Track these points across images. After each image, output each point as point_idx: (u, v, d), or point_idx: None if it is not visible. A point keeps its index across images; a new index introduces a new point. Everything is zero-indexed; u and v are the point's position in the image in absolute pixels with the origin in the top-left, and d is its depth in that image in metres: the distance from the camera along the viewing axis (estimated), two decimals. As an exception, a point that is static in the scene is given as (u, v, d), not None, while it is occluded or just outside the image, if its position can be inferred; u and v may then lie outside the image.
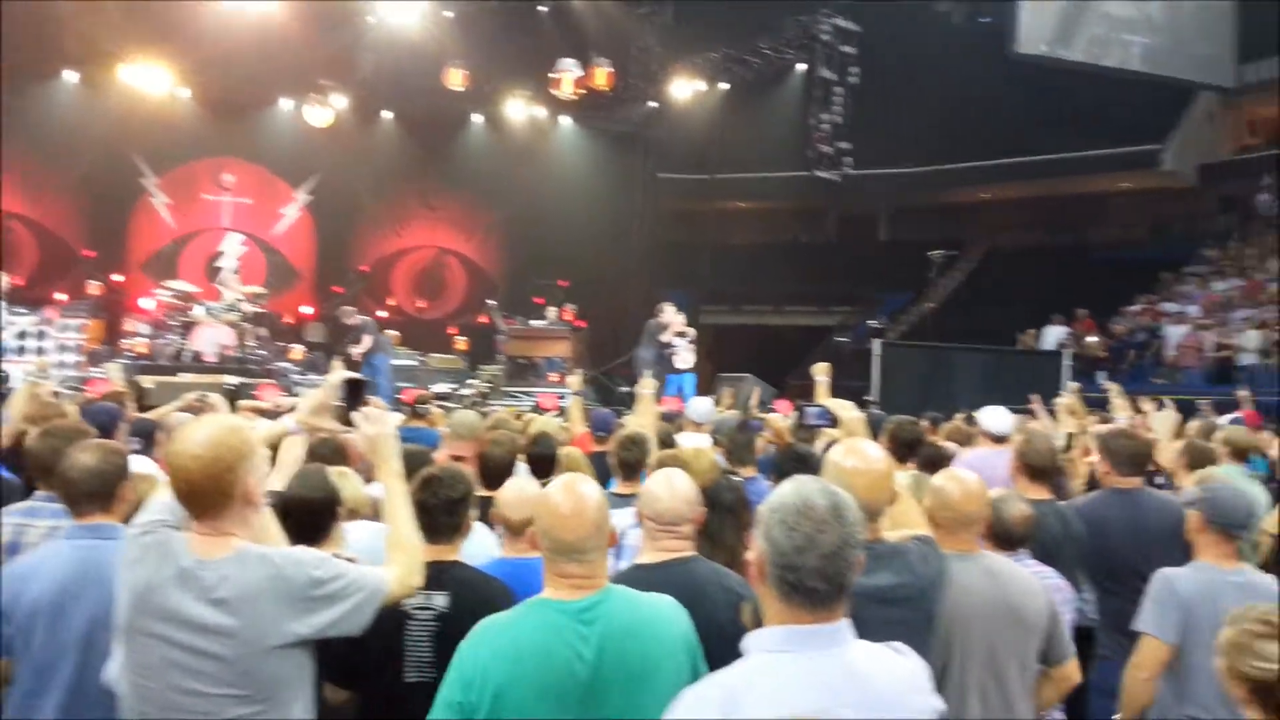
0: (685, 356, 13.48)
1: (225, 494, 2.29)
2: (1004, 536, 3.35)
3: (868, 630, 2.48)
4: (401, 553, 2.56)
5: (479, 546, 3.35)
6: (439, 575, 2.80)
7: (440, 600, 2.80)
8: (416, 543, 2.62)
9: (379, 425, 2.70)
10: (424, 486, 2.94)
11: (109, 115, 17.26)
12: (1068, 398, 7.46)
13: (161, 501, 2.42)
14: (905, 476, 3.52)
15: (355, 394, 2.88)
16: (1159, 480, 5.71)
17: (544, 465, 4.76)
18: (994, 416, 5.73)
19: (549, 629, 2.29)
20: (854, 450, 2.67)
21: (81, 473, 2.92)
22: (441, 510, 2.93)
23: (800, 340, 24.81)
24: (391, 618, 2.66)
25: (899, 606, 2.58)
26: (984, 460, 5.03)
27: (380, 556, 2.60)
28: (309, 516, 2.91)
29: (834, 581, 1.79)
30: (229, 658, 2.24)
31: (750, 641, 1.83)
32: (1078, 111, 23.42)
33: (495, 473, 4.15)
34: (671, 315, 13.72)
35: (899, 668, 1.89)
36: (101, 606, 2.67)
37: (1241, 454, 5.63)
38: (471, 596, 2.84)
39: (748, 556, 1.93)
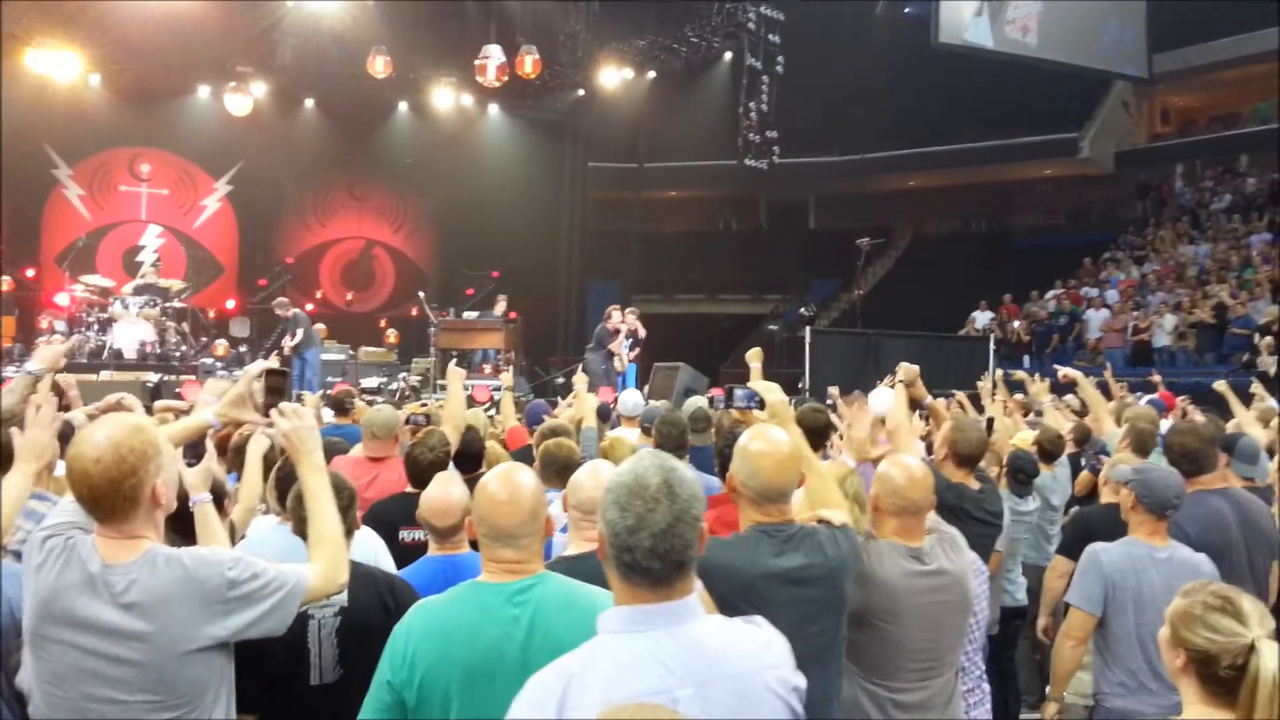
0: (623, 356, 13.50)
1: (129, 498, 2.20)
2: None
3: (780, 610, 2.44)
4: (325, 547, 2.48)
5: (365, 549, 3.29)
6: None
7: (339, 596, 2.72)
8: (340, 537, 2.53)
9: (297, 419, 2.62)
10: (299, 500, 2.78)
11: (17, 103, 16.54)
12: (984, 383, 7.63)
13: (68, 504, 2.32)
14: (837, 464, 3.55)
15: (275, 386, 2.81)
16: (1094, 464, 5.88)
17: (471, 461, 4.69)
18: (876, 398, 5.87)
19: (480, 609, 2.29)
20: (760, 434, 2.68)
21: None
22: None
23: (733, 328, 25.01)
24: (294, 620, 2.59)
25: (810, 586, 2.60)
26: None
27: (272, 550, 2.51)
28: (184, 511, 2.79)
29: (669, 559, 1.74)
30: (143, 663, 2.17)
31: (598, 623, 1.80)
32: (999, 101, 23.89)
33: (426, 473, 4.04)
34: (619, 320, 13.70)
35: (749, 642, 1.85)
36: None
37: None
38: (371, 588, 2.83)
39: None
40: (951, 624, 3.06)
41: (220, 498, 3.03)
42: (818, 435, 4.78)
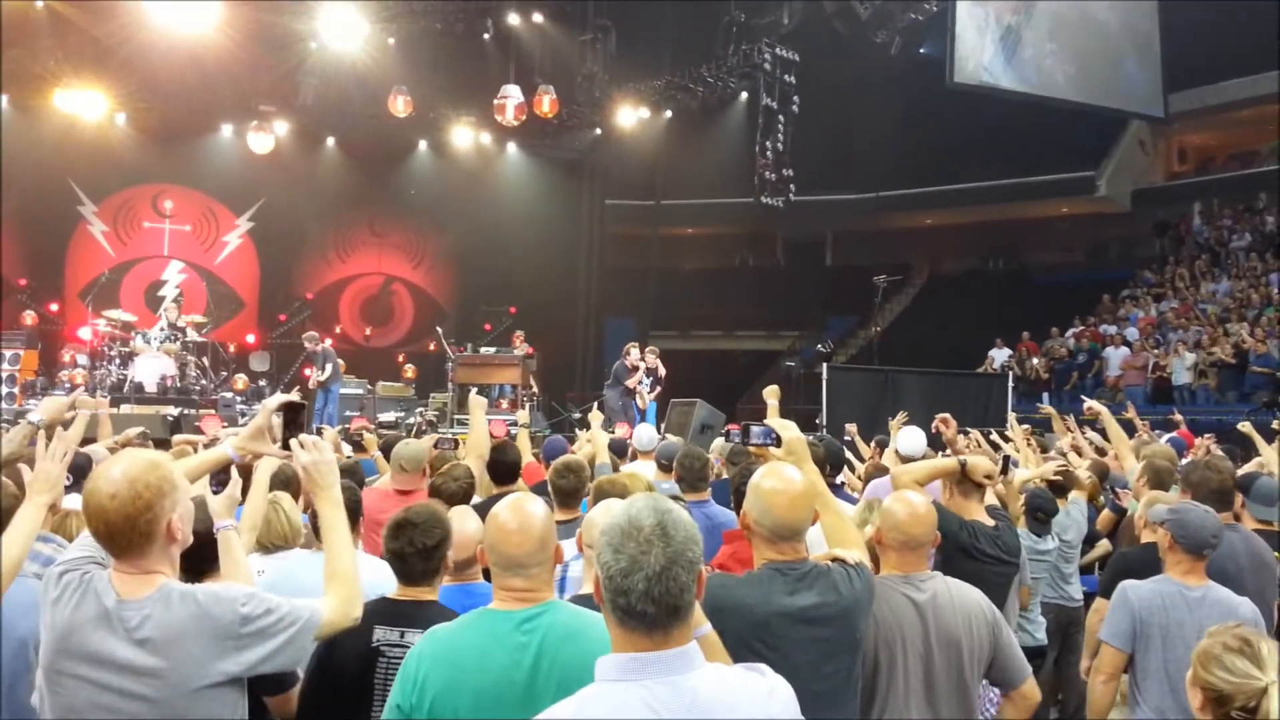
0: (643, 395, 13.55)
1: (145, 533, 2.21)
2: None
3: (794, 649, 2.51)
4: (339, 583, 2.49)
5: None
6: (415, 614, 2.78)
7: (414, 639, 2.73)
8: (354, 572, 2.54)
9: (316, 453, 2.63)
10: (396, 534, 2.85)
11: (45, 142, 16.92)
12: (1015, 429, 7.57)
13: (86, 539, 2.33)
14: (861, 503, 3.58)
15: (293, 419, 2.79)
16: (1115, 501, 5.83)
17: (507, 472, 4.73)
18: (908, 438, 5.84)
19: (489, 636, 2.33)
20: (773, 472, 2.70)
21: None
22: (417, 558, 2.86)
23: (749, 365, 24.99)
24: (364, 654, 2.64)
25: (823, 626, 2.60)
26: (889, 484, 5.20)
27: (304, 585, 2.52)
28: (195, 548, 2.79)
29: (662, 603, 1.70)
30: (157, 699, 2.17)
31: (596, 669, 1.76)
32: (1015, 139, 23.95)
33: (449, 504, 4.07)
34: (637, 357, 13.77)
35: (750, 691, 1.78)
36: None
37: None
38: None
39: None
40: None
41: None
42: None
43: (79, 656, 2.19)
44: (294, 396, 2.89)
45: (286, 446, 2.72)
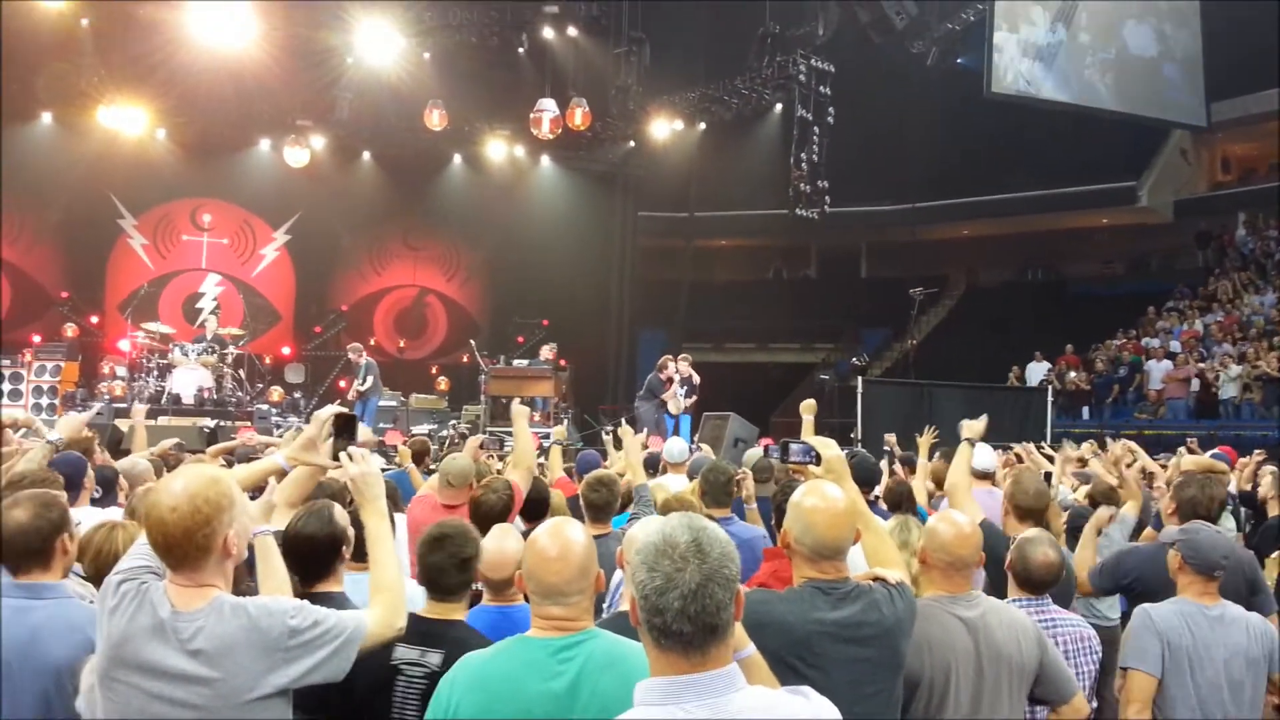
0: (678, 401, 13.43)
1: (202, 547, 2.27)
2: (1025, 580, 3.41)
3: (835, 668, 2.48)
4: (384, 593, 2.55)
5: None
6: (439, 633, 2.76)
7: (434, 659, 2.73)
8: (399, 583, 2.59)
9: (365, 464, 2.71)
10: (435, 545, 2.90)
11: (86, 157, 17.21)
12: (1074, 450, 7.44)
13: (142, 547, 2.39)
14: (891, 520, 3.50)
15: (345, 429, 2.86)
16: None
17: (537, 509, 4.65)
18: (980, 454, 5.71)
19: (524, 664, 2.28)
20: (814, 489, 2.67)
21: (14, 530, 2.79)
22: (453, 569, 2.90)
23: (784, 378, 24.82)
24: (382, 671, 2.63)
25: (865, 645, 2.57)
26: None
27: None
28: (312, 554, 2.90)
29: (699, 622, 1.66)
30: (207, 708, 2.23)
31: (635, 694, 1.72)
32: (1054, 149, 23.68)
33: (489, 521, 4.01)
34: (673, 369, 13.67)
35: (794, 715, 1.74)
36: (44, 674, 2.60)
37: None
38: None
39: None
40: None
41: None
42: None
43: (133, 665, 2.24)
44: (345, 409, 2.95)
45: (336, 458, 2.80)
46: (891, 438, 8.99)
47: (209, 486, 2.29)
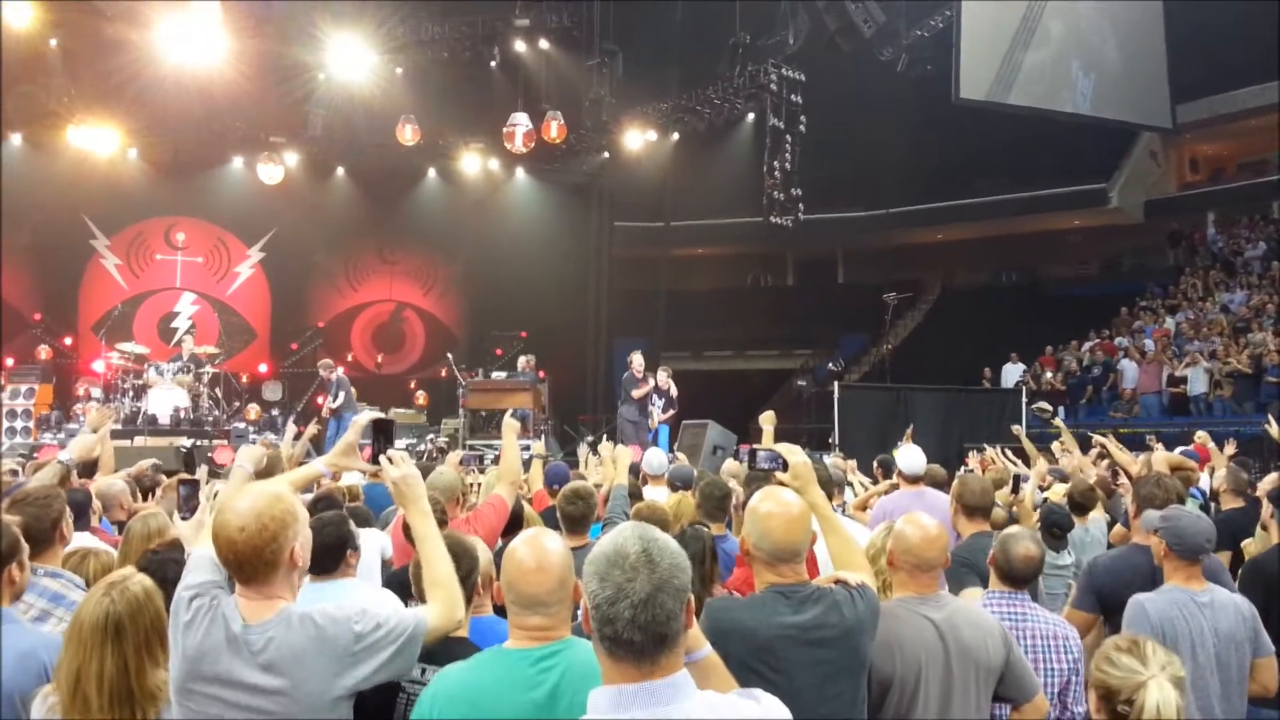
0: (658, 413, 13.45)
1: (270, 562, 2.40)
2: (1007, 574, 3.47)
3: (798, 671, 2.52)
4: (439, 588, 2.66)
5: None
6: (442, 650, 2.75)
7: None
8: (451, 576, 2.69)
9: (406, 467, 2.81)
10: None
11: (57, 178, 17.07)
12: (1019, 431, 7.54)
13: (204, 558, 2.49)
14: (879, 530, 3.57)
15: (383, 435, 2.97)
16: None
17: (511, 525, 4.64)
18: (908, 456, 5.82)
19: (503, 675, 2.30)
20: (769, 495, 2.73)
21: None
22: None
23: (762, 384, 24.91)
24: (385, 689, 2.63)
25: (827, 647, 2.60)
26: (896, 502, 5.46)
27: None
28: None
29: (649, 631, 1.68)
30: (284, 715, 2.35)
31: (588, 703, 1.75)
32: (1025, 153, 23.93)
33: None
34: (640, 364, 13.62)
35: (742, 718, 1.76)
36: None
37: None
38: None
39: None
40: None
41: None
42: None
43: (210, 678, 2.35)
44: (382, 414, 3.05)
45: (376, 462, 2.89)
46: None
47: (273, 505, 2.41)
